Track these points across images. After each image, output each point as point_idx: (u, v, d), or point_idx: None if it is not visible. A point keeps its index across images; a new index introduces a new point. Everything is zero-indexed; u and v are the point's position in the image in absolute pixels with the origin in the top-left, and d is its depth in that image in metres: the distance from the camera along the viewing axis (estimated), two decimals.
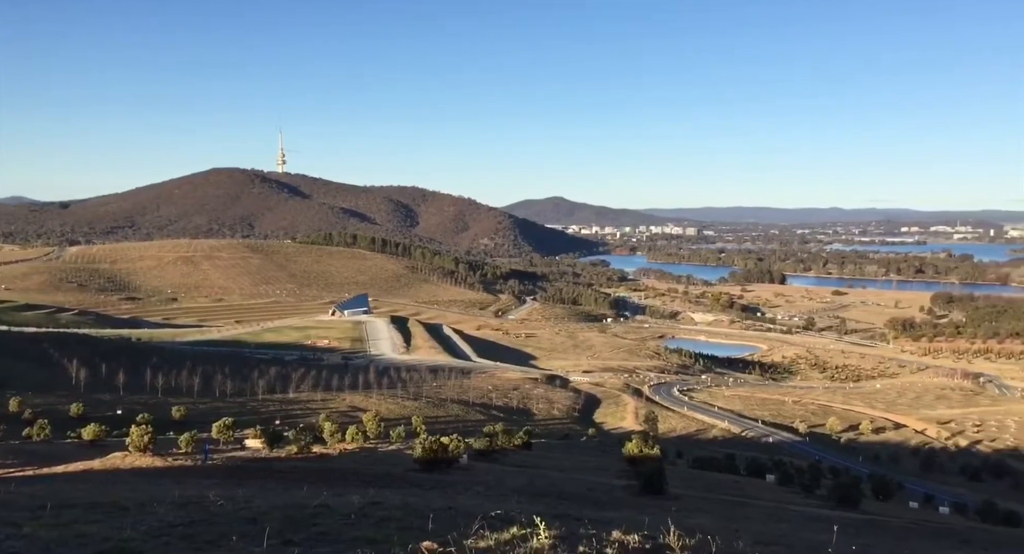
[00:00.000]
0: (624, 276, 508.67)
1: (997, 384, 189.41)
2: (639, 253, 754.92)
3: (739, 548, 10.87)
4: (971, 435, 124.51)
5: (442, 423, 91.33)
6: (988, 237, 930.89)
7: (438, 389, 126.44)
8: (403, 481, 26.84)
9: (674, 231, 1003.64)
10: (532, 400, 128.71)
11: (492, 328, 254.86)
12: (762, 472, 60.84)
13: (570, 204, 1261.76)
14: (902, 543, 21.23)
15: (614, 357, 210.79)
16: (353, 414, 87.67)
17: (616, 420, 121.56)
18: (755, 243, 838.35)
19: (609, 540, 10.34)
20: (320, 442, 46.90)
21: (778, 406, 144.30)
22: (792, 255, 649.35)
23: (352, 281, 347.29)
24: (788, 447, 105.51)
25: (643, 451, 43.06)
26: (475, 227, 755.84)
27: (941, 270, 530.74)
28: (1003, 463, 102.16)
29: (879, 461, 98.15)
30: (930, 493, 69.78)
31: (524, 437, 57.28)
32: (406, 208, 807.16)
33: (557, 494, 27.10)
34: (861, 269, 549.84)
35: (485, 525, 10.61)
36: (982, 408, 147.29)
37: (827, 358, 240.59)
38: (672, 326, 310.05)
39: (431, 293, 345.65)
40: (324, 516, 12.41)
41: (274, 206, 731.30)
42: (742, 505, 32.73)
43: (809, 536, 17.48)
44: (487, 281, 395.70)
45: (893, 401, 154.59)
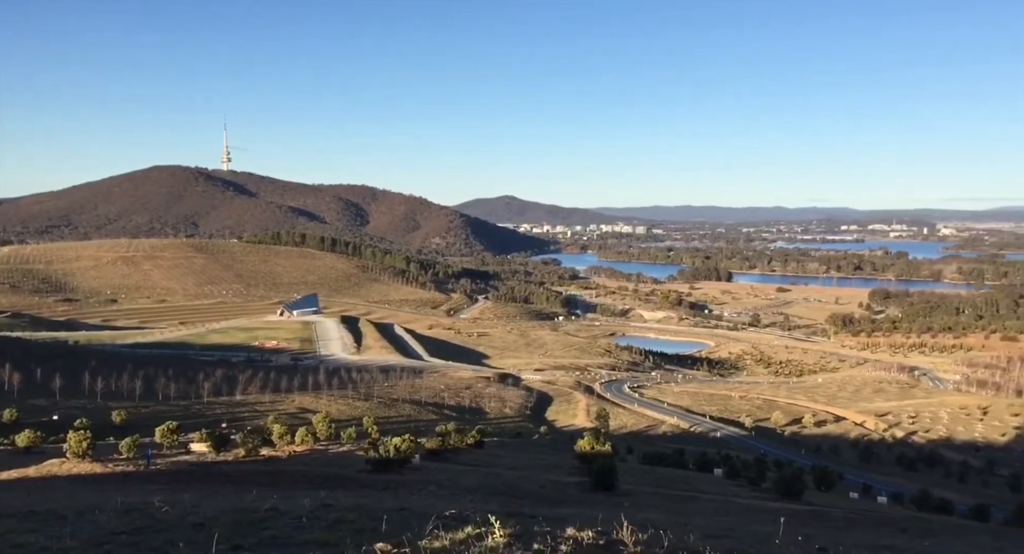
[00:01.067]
0: (575, 274, 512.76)
1: (931, 377, 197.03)
2: (590, 252, 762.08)
3: (690, 542, 11.05)
4: (907, 426, 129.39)
5: (394, 423, 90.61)
6: (922, 235, 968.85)
7: (390, 389, 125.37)
8: (355, 482, 26.53)
9: (624, 230, 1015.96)
10: (484, 399, 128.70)
11: (444, 327, 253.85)
12: (710, 466, 62.03)
13: (522, 203, 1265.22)
14: (844, 533, 21.90)
15: (566, 355, 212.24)
16: (303, 416, 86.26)
17: (568, 418, 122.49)
18: (703, 241, 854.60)
19: (563, 537, 10.42)
20: (269, 445, 46.02)
21: (725, 401, 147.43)
22: (738, 253, 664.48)
23: (301, 281, 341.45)
24: (735, 441, 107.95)
25: (595, 448, 43.45)
26: (426, 226, 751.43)
27: (878, 267, 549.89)
28: (936, 453, 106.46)
29: (821, 453, 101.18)
30: (869, 483, 72.18)
31: (477, 436, 57.21)
32: (356, 207, 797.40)
33: (511, 492, 27.15)
34: (804, 267, 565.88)
35: (439, 525, 10.56)
36: (917, 400, 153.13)
37: (772, 354, 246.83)
38: (623, 324, 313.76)
39: (382, 293, 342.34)
40: (274, 520, 12.17)
41: (219, 205, 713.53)
42: (691, 499, 33.34)
43: (756, 528, 17.90)
44: (439, 280, 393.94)
45: (834, 395, 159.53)
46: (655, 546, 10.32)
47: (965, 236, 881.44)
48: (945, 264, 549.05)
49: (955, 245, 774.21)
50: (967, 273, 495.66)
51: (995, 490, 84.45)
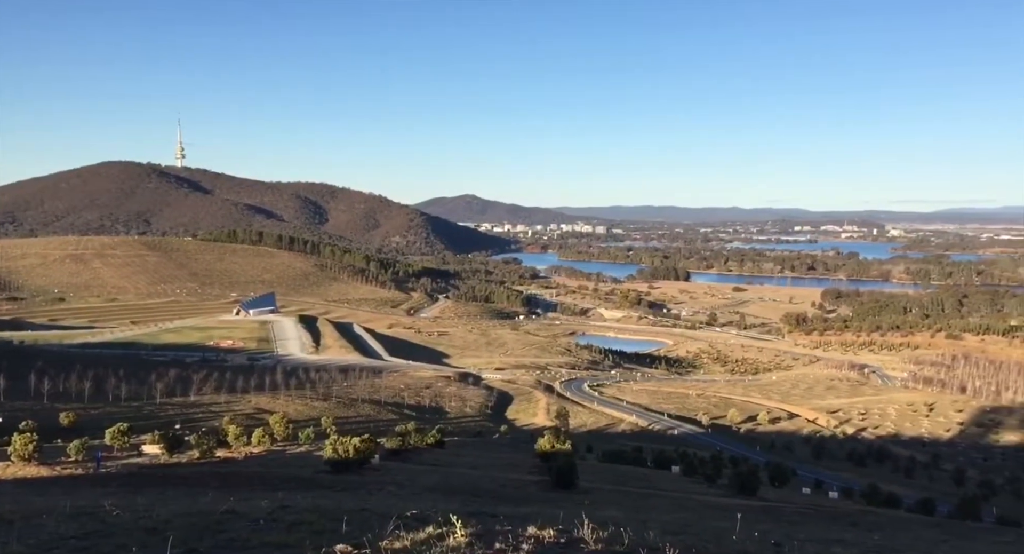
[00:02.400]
0: (536, 274, 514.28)
1: (880, 374, 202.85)
2: (550, 251, 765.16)
3: (649, 539, 11.18)
4: (857, 423, 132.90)
5: (353, 423, 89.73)
6: (872, 236, 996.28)
7: (349, 389, 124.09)
8: (314, 483, 26.21)
9: (584, 229, 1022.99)
10: (445, 398, 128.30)
11: (404, 326, 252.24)
12: (668, 464, 62.90)
13: (482, 202, 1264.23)
14: (797, 528, 22.41)
15: (526, 354, 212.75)
16: (260, 416, 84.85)
17: (528, 416, 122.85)
18: (661, 241, 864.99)
19: (525, 536, 10.45)
20: (224, 446, 45.23)
21: (683, 399, 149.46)
22: (696, 253, 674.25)
23: (258, 280, 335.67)
24: (692, 439, 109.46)
25: (555, 446, 43.74)
26: (387, 225, 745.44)
27: (831, 267, 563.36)
28: (885, 448, 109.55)
29: (775, 450, 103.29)
30: (821, 479, 74.01)
31: (437, 435, 57.03)
32: (315, 205, 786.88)
33: (471, 491, 27.13)
34: (759, 266, 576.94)
35: (400, 525, 10.50)
36: (866, 397, 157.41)
37: (728, 352, 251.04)
38: (583, 323, 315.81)
39: (341, 291, 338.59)
40: (231, 522, 11.95)
41: (173, 202, 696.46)
42: (650, 496, 33.75)
43: (713, 524, 18.20)
44: (399, 279, 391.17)
45: (788, 392, 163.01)
46: (615, 544, 10.42)
47: (912, 237, 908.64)
48: (893, 264, 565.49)
49: (903, 246, 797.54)
50: (914, 273, 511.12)
51: (940, 484, 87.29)
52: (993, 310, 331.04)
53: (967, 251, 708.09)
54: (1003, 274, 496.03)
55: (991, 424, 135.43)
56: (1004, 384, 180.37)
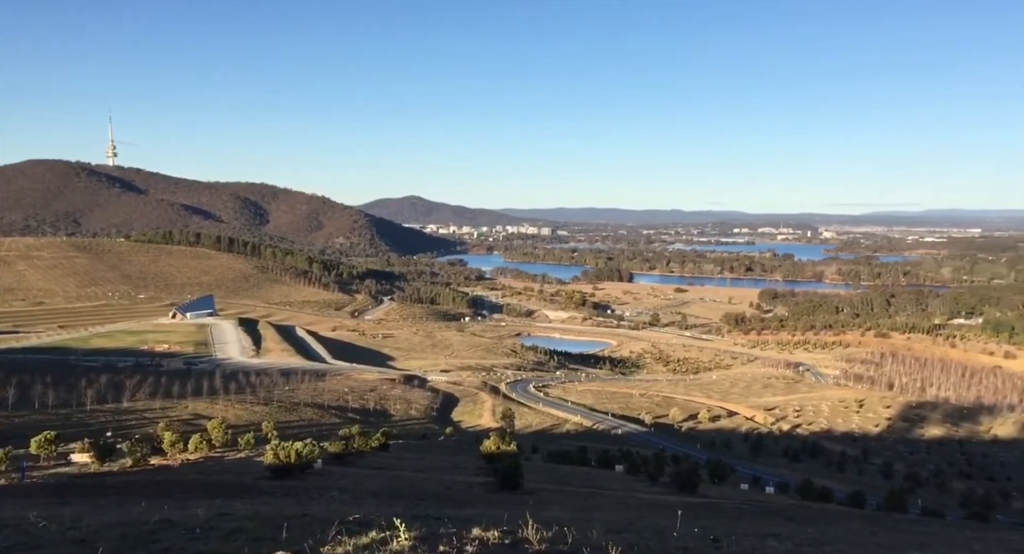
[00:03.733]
0: (482, 275, 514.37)
1: (814, 373, 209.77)
2: (496, 252, 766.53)
3: (592, 537, 11.32)
4: (792, 420, 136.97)
5: (295, 428, 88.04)
6: (806, 238, 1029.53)
7: (291, 393, 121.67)
8: (254, 490, 25.61)
9: (530, 231, 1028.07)
10: (390, 401, 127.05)
11: (348, 329, 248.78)
12: (612, 463, 63.67)
13: (428, 203, 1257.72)
14: (735, 523, 22.99)
15: (472, 356, 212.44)
16: (197, 422, 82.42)
17: (474, 418, 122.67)
18: (605, 243, 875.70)
19: (469, 538, 10.46)
20: (159, 453, 43.84)
21: (626, 399, 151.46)
22: (639, 254, 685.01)
23: (195, 282, 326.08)
24: (636, 438, 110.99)
25: (500, 448, 43.78)
26: (330, 226, 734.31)
27: (767, 268, 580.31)
28: (818, 444, 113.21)
29: (715, 447, 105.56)
30: (758, 475, 76.07)
31: (381, 438, 56.43)
32: (255, 206, 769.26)
33: (416, 494, 26.95)
34: (700, 268, 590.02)
35: (343, 530, 10.36)
36: (801, 395, 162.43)
37: (670, 352, 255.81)
38: (528, 324, 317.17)
39: (283, 294, 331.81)
40: (165, 532, 11.59)
41: (104, 202, 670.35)
42: (594, 495, 34.11)
43: (655, 522, 18.52)
44: (343, 281, 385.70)
45: (727, 391, 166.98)
46: (559, 543, 10.52)
47: (844, 239, 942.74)
48: (826, 265, 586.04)
49: (835, 247, 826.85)
50: (845, 274, 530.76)
51: (870, 477, 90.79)
52: (918, 309, 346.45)
53: (894, 253, 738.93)
54: (927, 274, 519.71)
55: (917, 419, 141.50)
56: (928, 380, 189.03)
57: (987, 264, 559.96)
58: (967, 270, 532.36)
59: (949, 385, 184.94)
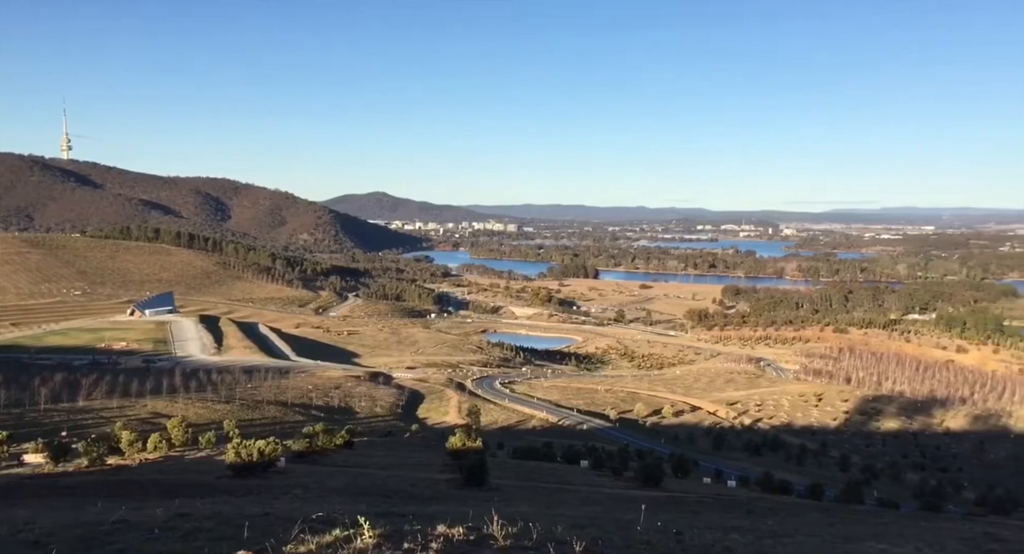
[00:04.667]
0: (448, 272, 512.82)
1: (775, 368, 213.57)
2: (462, 249, 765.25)
3: (557, 532, 11.40)
4: (753, 414, 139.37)
5: (258, 426, 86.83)
6: (768, 235, 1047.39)
7: (253, 391, 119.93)
8: (215, 489, 25.21)
9: (496, 227, 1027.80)
10: (354, 398, 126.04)
11: (312, 326, 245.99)
12: (577, 458, 64.04)
13: (393, 199, 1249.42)
14: (698, 517, 23.33)
15: (438, 352, 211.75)
16: (156, 421, 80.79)
17: (440, 415, 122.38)
18: (571, 239, 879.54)
19: (434, 535, 10.44)
20: (117, 453, 42.91)
21: (592, 395, 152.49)
22: (604, 251, 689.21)
23: (155, 278, 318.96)
24: (600, 433, 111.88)
25: (466, 444, 43.78)
26: (293, 222, 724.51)
27: (730, 265, 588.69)
28: (778, 438, 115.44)
29: (678, 442, 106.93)
30: (720, 469, 77.12)
31: (346, 436, 55.97)
32: (216, 201, 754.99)
33: (381, 492, 26.81)
34: (664, 264, 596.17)
35: (306, 529, 10.26)
36: (762, 389, 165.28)
37: (635, 348, 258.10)
38: (494, 320, 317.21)
39: (245, 291, 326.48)
40: (123, 532, 11.35)
41: (58, 196, 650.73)
42: (559, 491, 34.29)
43: (619, 516, 18.71)
44: (307, 278, 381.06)
45: (690, 386, 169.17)
46: (524, 539, 10.56)
47: (804, 236, 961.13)
48: (787, 262, 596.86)
49: (796, 244, 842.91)
50: (805, 270, 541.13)
51: (828, 470, 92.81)
52: (875, 305, 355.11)
53: (852, 249, 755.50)
54: (883, 271, 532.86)
55: (873, 412, 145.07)
56: (884, 374, 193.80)
57: (940, 261, 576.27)
58: (921, 267, 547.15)
59: (904, 379, 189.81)
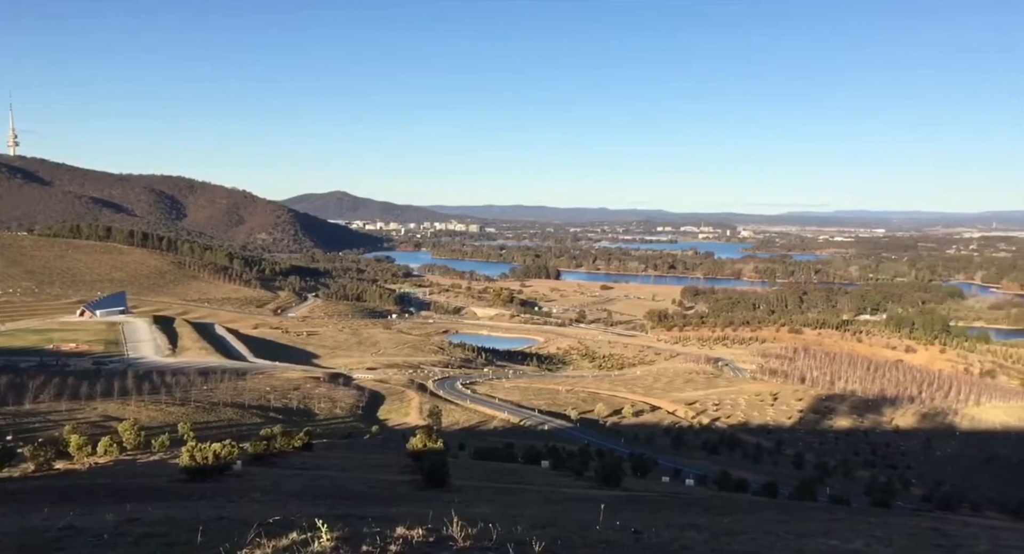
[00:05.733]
0: (409, 272, 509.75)
1: (732, 367, 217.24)
2: (424, 249, 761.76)
3: (517, 533, 11.41)
4: (711, 413, 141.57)
5: (214, 428, 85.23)
6: (726, 236, 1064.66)
7: (209, 392, 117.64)
8: (168, 493, 24.64)
9: (458, 228, 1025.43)
10: (314, 400, 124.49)
11: (271, 326, 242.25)
12: (538, 459, 64.19)
13: (354, 199, 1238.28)
14: (656, 515, 23.58)
15: (399, 353, 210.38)
16: (107, 424, 78.67)
17: (400, 416, 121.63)
18: (533, 240, 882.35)
19: (393, 537, 10.37)
20: (65, 457, 41.65)
21: (553, 395, 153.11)
22: (566, 252, 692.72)
23: (106, 278, 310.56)
24: (562, 433, 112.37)
25: (427, 445, 43.55)
26: (251, 221, 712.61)
27: (689, 266, 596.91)
28: (736, 436, 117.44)
29: (638, 441, 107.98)
30: (679, 467, 78.19)
31: (304, 438, 55.16)
32: (171, 199, 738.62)
33: (340, 494, 26.52)
34: (625, 265, 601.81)
35: (262, 532, 10.10)
36: (720, 389, 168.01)
37: (596, 348, 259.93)
38: (456, 321, 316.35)
39: (202, 291, 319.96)
40: (71, 539, 11.02)
41: (4, 193, 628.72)
42: (520, 491, 34.33)
43: (579, 516, 18.81)
44: (265, 278, 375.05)
45: (650, 386, 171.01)
46: (484, 539, 10.55)
47: (761, 238, 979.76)
48: (744, 264, 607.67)
49: (753, 246, 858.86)
50: (762, 272, 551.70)
51: (783, 468, 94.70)
52: (828, 306, 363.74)
53: (807, 251, 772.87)
54: (836, 272, 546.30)
55: (826, 411, 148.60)
56: (837, 374, 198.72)
57: (890, 263, 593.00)
58: (873, 268, 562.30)
59: (856, 378, 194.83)
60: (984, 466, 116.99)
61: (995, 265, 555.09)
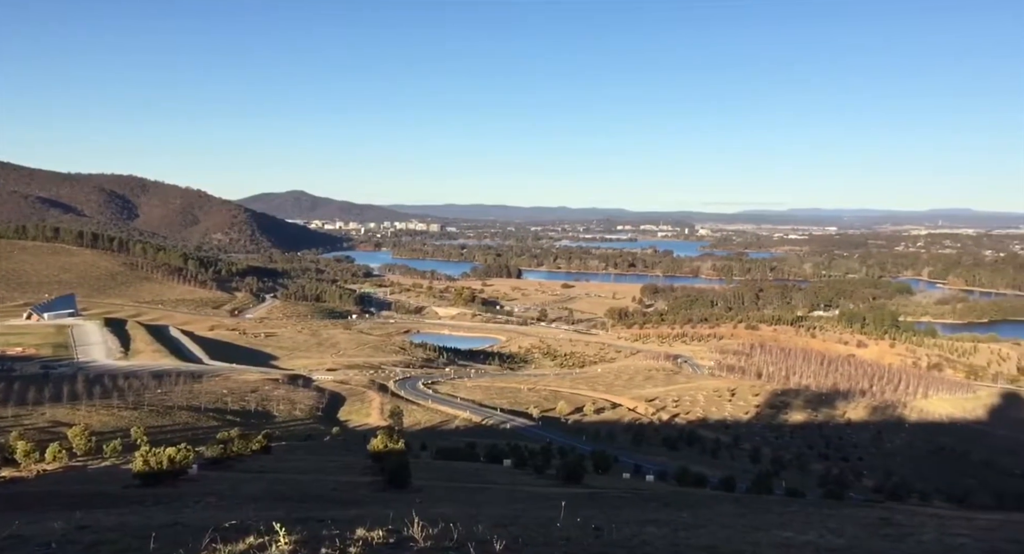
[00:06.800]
0: (370, 272, 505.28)
1: (691, 364, 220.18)
2: (384, 249, 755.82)
3: (478, 532, 11.42)
4: (671, 410, 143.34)
5: (169, 432, 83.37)
6: (684, 235, 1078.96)
7: (164, 396, 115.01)
8: (120, 499, 24.04)
9: (419, 227, 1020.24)
10: (272, 402, 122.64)
11: (228, 328, 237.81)
12: (500, 457, 64.30)
13: (312, 198, 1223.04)
14: (617, 511, 23.84)
15: (359, 354, 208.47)
16: (57, 430, 76.34)
17: (362, 417, 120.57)
18: (494, 239, 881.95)
19: (353, 539, 10.29)
20: (11, 464, 40.41)
21: (515, 394, 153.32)
22: (527, 251, 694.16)
23: (55, 280, 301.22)
24: (524, 432, 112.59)
25: (388, 446, 43.30)
26: (207, 221, 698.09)
27: (649, 264, 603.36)
28: (695, 432, 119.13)
29: (600, 438, 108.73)
30: (639, 464, 78.98)
31: (263, 441, 54.38)
32: (123, 199, 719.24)
33: (300, 497, 26.20)
34: (585, 264, 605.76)
35: (217, 538, 9.93)
36: (679, 385, 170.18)
37: (557, 347, 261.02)
38: (417, 321, 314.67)
39: (155, 292, 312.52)
40: (15, 548, 10.67)
41: None
42: (482, 490, 34.36)
43: (541, 514, 18.91)
44: (221, 279, 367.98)
45: (611, 383, 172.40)
46: (444, 539, 10.53)
47: (718, 236, 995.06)
48: (702, 261, 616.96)
49: (710, 244, 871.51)
50: (720, 269, 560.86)
51: (740, 462, 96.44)
52: (783, 302, 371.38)
53: (763, 249, 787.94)
54: (791, 270, 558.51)
55: (782, 406, 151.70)
56: (792, 369, 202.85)
57: (842, 260, 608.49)
58: (825, 265, 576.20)
59: (810, 373, 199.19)
60: (931, 457, 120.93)
61: (941, 261, 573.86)
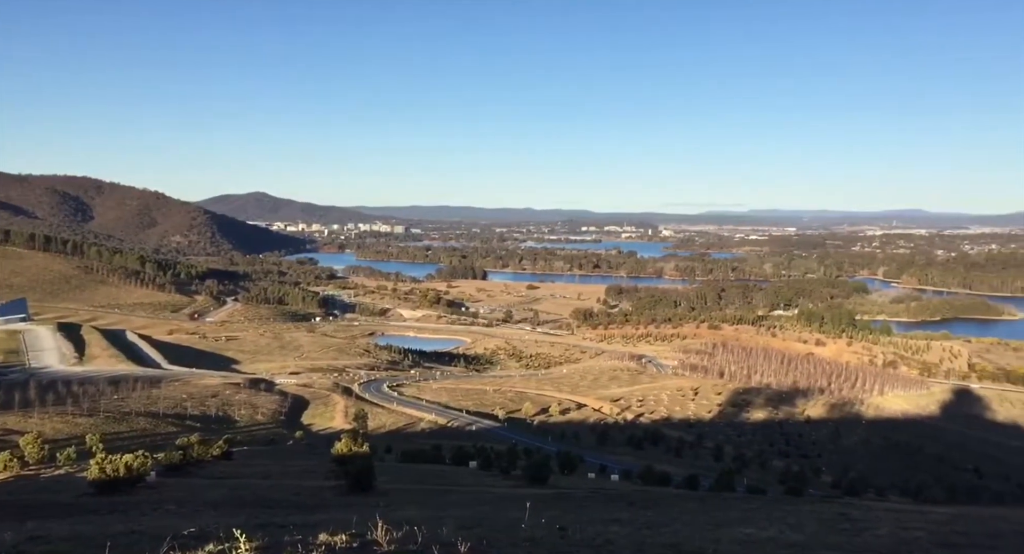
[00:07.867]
0: (333, 274, 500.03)
1: (655, 364, 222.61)
2: (348, 251, 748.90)
3: (443, 535, 11.40)
4: (636, 409, 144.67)
5: (126, 439, 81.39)
6: (648, 236, 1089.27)
7: (120, 402, 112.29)
8: (75, 508, 23.42)
9: (383, 229, 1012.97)
10: (233, 406, 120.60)
11: (187, 332, 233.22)
12: (466, 459, 64.18)
13: (274, 200, 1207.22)
14: (582, 511, 23.99)
15: (323, 357, 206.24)
16: (7, 439, 73.95)
17: (326, 420, 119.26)
18: (459, 241, 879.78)
19: (315, 544, 10.20)
20: None
21: (481, 395, 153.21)
22: (492, 252, 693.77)
23: (5, 284, 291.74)
24: (490, 433, 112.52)
25: (352, 449, 42.84)
26: (165, 223, 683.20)
27: (613, 265, 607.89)
28: (659, 431, 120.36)
29: (565, 439, 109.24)
30: (604, 463, 79.55)
31: (224, 446, 53.45)
32: (77, 201, 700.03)
33: (262, 503, 25.83)
34: (550, 265, 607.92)
35: (176, 546, 9.75)
36: (644, 385, 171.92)
37: (523, 348, 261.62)
38: (382, 323, 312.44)
39: (111, 296, 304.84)
40: None
41: None
42: (447, 493, 34.25)
43: (506, 515, 18.93)
44: (180, 282, 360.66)
45: (576, 384, 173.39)
46: (409, 543, 10.49)
47: (681, 237, 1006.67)
48: (666, 262, 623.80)
49: (673, 245, 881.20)
50: (682, 270, 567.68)
51: (703, 460, 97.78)
52: (745, 302, 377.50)
53: (724, 250, 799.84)
54: (752, 270, 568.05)
55: (743, 404, 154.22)
56: (754, 368, 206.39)
57: (801, 260, 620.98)
58: (785, 265, 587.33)
59: (771, 372, 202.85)
60: (887, 453, 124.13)
61: (895, 261, 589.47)
